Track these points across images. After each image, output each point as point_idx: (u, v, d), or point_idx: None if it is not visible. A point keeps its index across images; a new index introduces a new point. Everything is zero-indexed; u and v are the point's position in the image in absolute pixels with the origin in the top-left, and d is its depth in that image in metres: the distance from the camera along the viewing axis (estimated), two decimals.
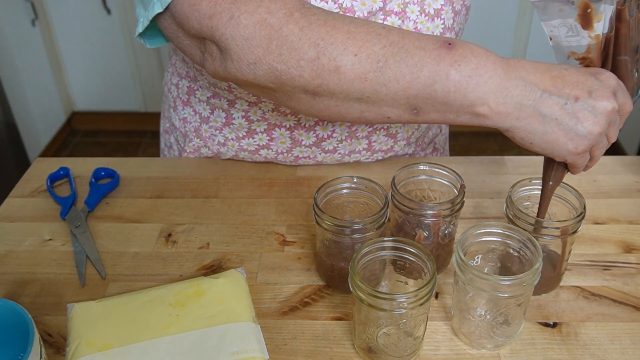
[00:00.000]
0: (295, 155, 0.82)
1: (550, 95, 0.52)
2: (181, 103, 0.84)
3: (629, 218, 0.75)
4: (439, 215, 0.62)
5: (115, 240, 0.73)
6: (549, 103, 0.52)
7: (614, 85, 0.54)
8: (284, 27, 0.53)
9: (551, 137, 0.53)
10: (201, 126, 0.83)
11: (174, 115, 0.88)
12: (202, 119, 0.82)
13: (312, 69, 0.53)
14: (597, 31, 0.54)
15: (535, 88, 0.52)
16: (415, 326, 0.55)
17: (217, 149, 0.84)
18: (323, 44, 0.52)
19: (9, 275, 0.68)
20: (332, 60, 0.52)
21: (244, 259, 0.70)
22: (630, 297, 0.65)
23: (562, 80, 0.52)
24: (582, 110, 0.52)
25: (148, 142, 2.68)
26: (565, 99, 0.52)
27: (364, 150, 0.83)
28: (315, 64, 0.53)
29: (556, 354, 0.59)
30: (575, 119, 0.52)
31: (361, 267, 0.57)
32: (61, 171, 0.84)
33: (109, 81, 2.59)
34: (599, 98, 0.52)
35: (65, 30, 2.45)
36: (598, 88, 0.52)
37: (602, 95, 0.52)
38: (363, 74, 0.52)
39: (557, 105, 0.52)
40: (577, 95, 0.52)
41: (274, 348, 0.59)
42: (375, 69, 0.52)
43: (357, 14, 0.68)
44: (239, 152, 0.83)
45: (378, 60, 0.52)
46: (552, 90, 0.52)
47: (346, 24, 0.53)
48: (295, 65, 0.53)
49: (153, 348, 0.55)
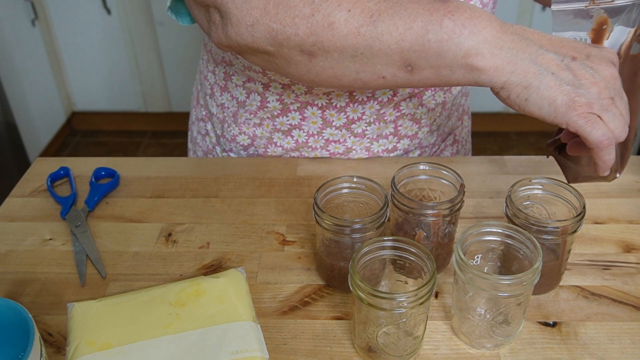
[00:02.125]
0: (325, 139, 0.83)
1: (546, 51, 0.52)
2: (219, 89, 0.85)
3: (629, 218, 0.75)
4: (439, 215, 0.62)
5: (116, 239, 0.73)
6: (545, 58, 0.51)
7: (614, 60, 0.53)
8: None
9: (547, 92, 0.51)
10: (238, 111, 0.84)
11: (210, 102, 0.88)
12: (239, 103, 0.83)
13: (306, 26, 0.54)
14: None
15: (531, 42, 0.52)
16: (415, 325, 0.56)
17: (253, 132, 0.85)
18: (318, 1, 0.53)
19: (9, 275, 0.69)
20: (326, 17, 0.53)
21: (244, 258, 0.70)
22: (629, 297, 0.65)
23: (559, 42, 0.52)
24: (579, 69, 0.51)
25: (148, 142, 2.68)
26: (562, 56, 0.51)
27: (391, 135, 0.83)
28: (310, 20, 0.54)
29: (556, 353, 0.59)
30: (572, 75, 0.51)
31: (361, 267, 0.57)
32: (61, 171, 0.84)
33: (109, 81, 2.59)
34: (596, 62, 0.52)
35: (65, 30, 2.45)
36: (596, 55, 0.52)
37: (601, 60, 0.52)
38: (356, 28, 0.53)
39: (554, 61, 0.51)
40: (574, 55, 0.52)
41: (274, 347, 0.59)
42: (369, 23, 0.52)
43: None
44: (273, 133, 0.84)
45: (372, 14, 0.52)
46: (549, 47, 0.52)
47: None
48: (290, 23, 0.54)
49: (153, 347, 0.55)
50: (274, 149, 0.86)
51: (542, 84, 0.51)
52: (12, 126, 2.21)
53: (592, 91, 0.51)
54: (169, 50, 2.49)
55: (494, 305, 0.56)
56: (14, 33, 2.22)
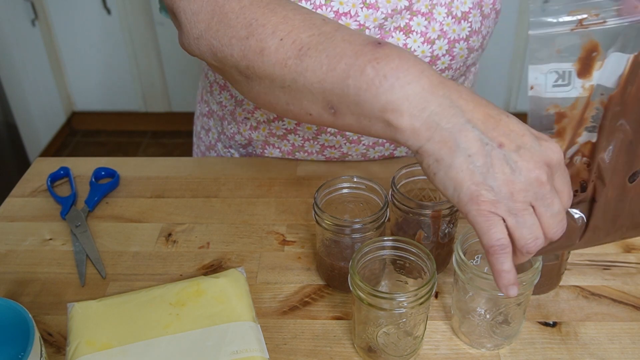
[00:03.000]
0: (320, 144, 0.83)
1: (473, 127, 0.44)
2: (218, 87, 0.85)
3: None
4: (439, 215, 0.62)
5: (116, 239, 0.73)
6: (469, 136, 0.44)
7: (552, 160, 0.44)
8: (226, 5, 0.54)
9: (456, 173, 0.44)
10: (236, 109, 0.83)
11: (211, 99, 0.89)
12: (237, 102, 0.83)
13: (240, 48, 0.52)
14: (593, 81, 0.45)
15: (460, 113, 0.44)
16: (415, 325, 0.56)
17: (249, 135, 0.85)
18: (255, 25, 0.52)
19: (9, 275, 0.69)
20: (259, 42, 0.51)
21: (244, 258, 0.70)
22: (629, 297, 0.65)
23: (496, 121, 0.45)
24: (500, 161, 0.43)
25: (148, 142, 2.68)
26: (488, 139, 0.44)
27: (387, 143, 0.83)
28: (244, 43, 0.52)
29: (556, 353, 0.59)
30: (489, 165, 0.43)
31: (361, 267, 0.57)
32: (61, 171, 0.84)
33: (109, 81, 2.59)
34: (525, 157, 0.43)
35: (65, 30, 2.45)
36: (530, 149, 0.44)
37: (532, 157, 0.44)
38: (284, 59, 0.50)
39: (477, 142, 0.44)
40: (502, 143, 0.44)
41: (274, 347, 0.59)
42: (296, 56, 0.50)
43: (381, 11, 0.68)
44: (268, 137, 0.83)
45: (301, 47, 0.50)
46: (479, 124, 0.44)
47: (287, 10, 0.52)
48: (227, 42, 0.53)
49: (153, 347, 0.55)
50: (272, 150, 0.86)
51: (454, 163, 0.44)
52: (12, 126, 2.20)
53: (504, 190, 0.43)
54: (169, 50, 2.48)
55: (494, 305, 0.56)
56: (14, 33, 2.22)
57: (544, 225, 0.45)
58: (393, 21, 0.70)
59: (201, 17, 0.55)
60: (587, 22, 0.43)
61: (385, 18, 0.69)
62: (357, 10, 0.68)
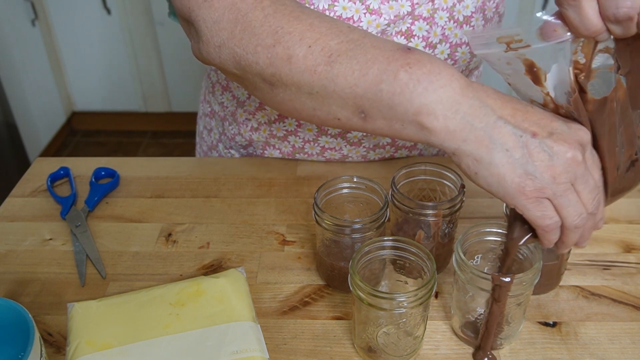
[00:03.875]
0: (321, 146, 0.82)
1: (506, 123, 0.46)
2: (220, 88, 0.85)
3: (629, 218, 0.75)
4: (439, 215, 0.62)
5: (116, 239, 0.73)
6: (502, 131, 0.46)
7: (584, 139, 0.47)
8: (250, 13, 0.54)
9: (497, 169, 0.46)
10: (237, 110, 0.84)
11: (213, 99, 0.89)
12: (238, 103, 0.83)
13: (267, 56, 0.53)
14: (549, 89, 0.48)
15: (491, 111, 0.47)
16: (415, 325, 0.56)
17: (250, 136, 0.85)
18: (281, 32, 0.52)
19: (9, 275, 0.69)
20: (286, 50, 0.52)
21: (244, 258, 0.70)
22: (629, 297, 0.65)
23: (523, 113, 0.47)
24: (537, 149, 0.46)
25: (148, 142, 2.68)
26: (521, 131, 0.46)
27: (388, 145, 0.83)
28: (270, 51, 0.52)
29: (556, 353, 0.59)
30: (527, 155, 0.46)
31: (361, 267, 0.57)
32: (61, 171, 0.84)
33: (109, 81, 2.59)
34: (559, 141, 0.46)
35: (65, 30, 2.45)
36: (562, 132, 0.46)
37: (565, 140, 0.46)
38: (313, 66, 0.51)
39: (511, 136, 0.46)
40: (535, 132, 0.46)
41: (274, 347, 0.59)
42: (326, 62, 0.50)
43: (384, 17, 0.68)
44: (269, 138, 0.84)
45: (331, 53, 0.50)
46: (510, 119, 0.47)
47: (311, 17, 0.52)
48: (252, 50, 0.53)
49: (153, 347, 0.55)
50: (272, 151, 0.86)
51: (494, 160, 0.46)
52: (12, 126, 2.20)
53: (546, 176, 0.46)
54: (169, 50, 2.49)
55: None
56: (14, 33, 2.22)
57: (583, 201, 0.48)
58: (395, 26, 0.70)
59: (223, 25, 0.55)
60: (515, 46, 0.46)
61: (387, 24, 0.69)
62: (360, 16, 0.68)
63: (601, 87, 0.47)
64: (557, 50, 0.45)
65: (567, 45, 0.45)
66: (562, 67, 0.46)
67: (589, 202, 0.48)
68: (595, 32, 0.43)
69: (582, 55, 0.46)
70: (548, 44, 0.45)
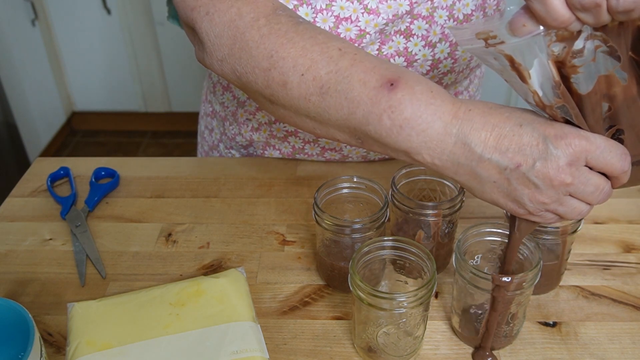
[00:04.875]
0: (321, 147, 0.83)
1: (490, 156, 0.47)
2: (221, 88, 0.85)
3: (629, 218, 0.75)
4: (439, 215, 0.62)
5: (116, 239, 0.73)
6: (486, 166, 0.47)
7: (574, 153, 0.45)
8: (246, 32, 0.54)
9: (490, 196, 0.49)
10: (238, 110, 0.84)
11: (214, 99, 0.89)
12: (239, 103, 0.83)
13: (264, 78, 0.54)
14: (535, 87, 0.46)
15: (474, 149, 0.47)
16: (415, 326, 0.56)
17: (250, 136, 0.85)
18: (276, 57, 0.53)
19: (9, 275, 0.69)
20: (281, 75, 0.53)
21: (244, 258, 0.70)
22: (629, 297, 0.65)
23: (509, 141, 0.46)
24: (522, 180, 0.46)
25: (148, 142, 2.68)
26: (505, 163, 0.46)
27: None
28: (267, 75, 0.54)
29: (556, 353, 0.59)
30: (513, 186, 0.47)
31: (361, 267, 0.57)
32: (61, 171, 0.84)
33: (109, 81, 2.59)
34: (543, 169, 0.45)
35: (65, 30, 2.45)
36: (547, 157, 0.45)
37: (549, 167, 0.45)
38: (307, 95, 0.52)
39: (495, 169, 0.47)
40: (519, 162, 0.46)
41: (274, 347, 0.59)
42: (318, 94, 0.52)
43: (382, 17, 0.68)
44: (269, 139, 0.84)
45: (322, 85, 0.51)
46: (493, 152, 0.47)
47: (305, 39, 0.53)
48: (251, 71, 0.55)
49: (153, 347, 0.55)
50: (272, 151, 0.86)
51: (485, 189, 0.49)
52: (12, 126, 2.20)
53: (535, 203, 0.47)
54: (169, 50, 2.48)
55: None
56: (14, 33, 2.22)
57: (587, 201, 0.48)
58: (394, 25, 0.69)
59: (224, 41, 0.56)
60: (492, 42, 0.45)
61: (386, 23, 0.69)
62: (358, 16, 0.68)
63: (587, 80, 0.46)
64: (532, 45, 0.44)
65: (539, 39, 0.43)
66: (542, 61, 0.45)
67: (593, 200, 0.48)
68: (563, 22, 0.42)
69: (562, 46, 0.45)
70: (521, 39, 0.44)
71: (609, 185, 0.48)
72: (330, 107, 0.51)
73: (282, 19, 0.55)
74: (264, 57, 0.53)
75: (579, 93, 0.46)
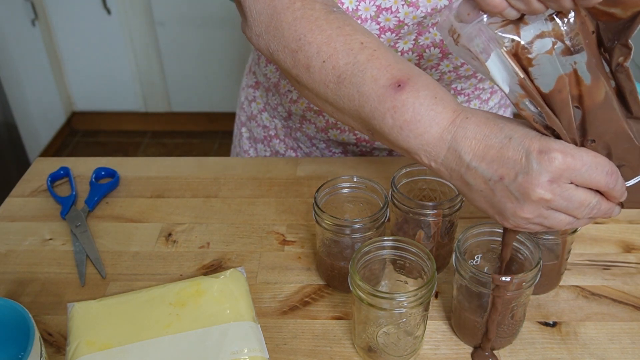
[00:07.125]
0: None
1: (477, 166, 0.48)
2: (264, 60, 0.87)
3: (629, 218, 0.75)
4: (439, 215, 0.62)
5: (116, 239, 0.73)
6: (473, 174, 0.49)
7: (556, 170, 0.45)
8: (282, 13, 0.57)
9: (479, 204, 0.51)
10: (280, 82, 0.86)
11: (258, 70, 0.91)
12: (280, 75, 0.85)
13: (292, 58, 0.57)
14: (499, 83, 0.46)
15: (463, 156, 0.49)
16: (415, 325, 0.56)
17: (289, 107, 0.87)
18: (303, 40, 0.56)
19: (9, 275, 0.69)
20: (306, 59, 0.56)
21: (244, 258, 0.70)
22: (629, 297, 0.65)
23: (496, 152, 0.47)
24: (505, 192, 0.48)
25: (148, 142, 2.68)
26: (490, 174, 0.48)
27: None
28: (294, 56, 0.56)
29: (556, 353, 0.59)
30: (497, 199, 0.48)
31: (361, 267, 0.57)
32: (61, 171, 0.84)
33: (109, 81, 2.59)
34: (524, 184, 0.46)
35: (65, 30, 2.45)
36: (528, 172, 0.46)
37: (530, 182, 0.46)
38: (326, 81, 0.55)
39: (481, 179, 0.48)
40: (502, 175, 0.47)
41: (274, 347, 0.59)
42: (335, 82, 0.54)
43: (421, 9, 0.69)
44: (306, 111, 0.85)
45: (339, 75, 0.54)
46: (480, 162, 0.48)
47: (332, 28, 0.55)
48: (281, 50, 0.57)
49: (153, 347, 0.55)
50: (308, 125, 0.87)
51: (474, 197, 0.50)
52: (12, 126, 2.20)
53: (517, 217, 0.48)
54: (169, 50, 2.48)
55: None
56: (14, 33, 2.22)
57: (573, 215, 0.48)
58: (432, 18, 0.71)
59: (262, 18, 0.59)
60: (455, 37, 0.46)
61: (424, 16, 0.70)
62: (398, 7, 0.69)
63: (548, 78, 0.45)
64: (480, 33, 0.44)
65: (482, 26, 0.44)
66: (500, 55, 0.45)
67: (579, 214, 0.48)
68: (496, 7, 0.43)
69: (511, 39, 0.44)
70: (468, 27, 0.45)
71: (599, 200, 0.48)
72: (345, 96, 0.54)
73: (316, 6, 0.57)
74: (293, 39, 0.56)
75: (542, 92, 0.46)
